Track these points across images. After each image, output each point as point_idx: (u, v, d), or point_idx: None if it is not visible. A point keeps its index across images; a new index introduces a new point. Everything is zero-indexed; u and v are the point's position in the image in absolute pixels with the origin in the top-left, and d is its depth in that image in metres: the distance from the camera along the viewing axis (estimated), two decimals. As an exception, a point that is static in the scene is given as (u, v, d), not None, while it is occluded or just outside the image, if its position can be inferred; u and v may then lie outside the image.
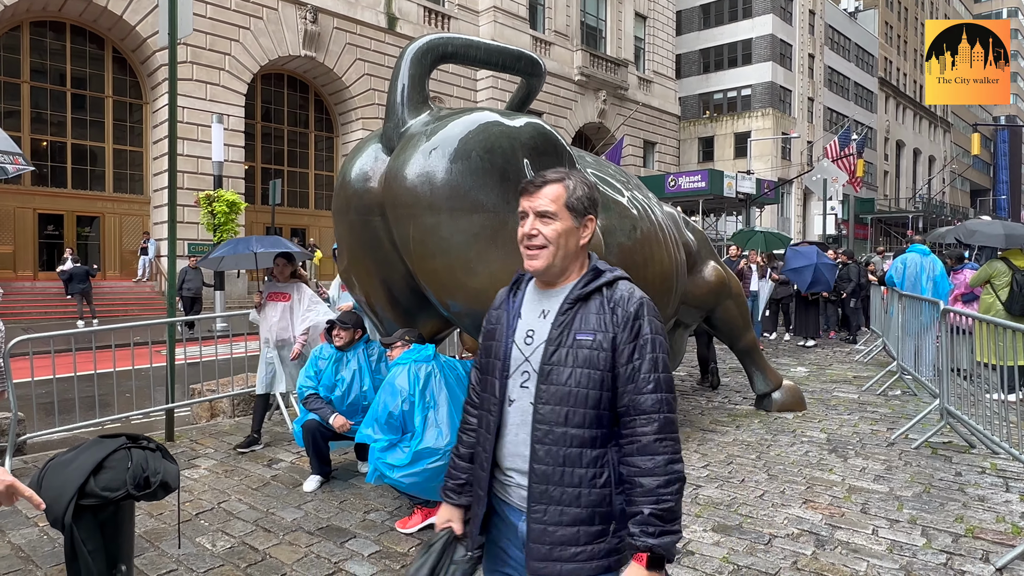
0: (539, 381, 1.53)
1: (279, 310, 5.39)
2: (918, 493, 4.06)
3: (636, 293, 1.54)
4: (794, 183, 37.08)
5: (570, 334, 1.52)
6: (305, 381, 4.31)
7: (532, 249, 1.57)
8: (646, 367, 1.48)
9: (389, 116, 4.04)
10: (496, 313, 1.71)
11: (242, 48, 20.43)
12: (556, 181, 1.59)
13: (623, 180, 5.03)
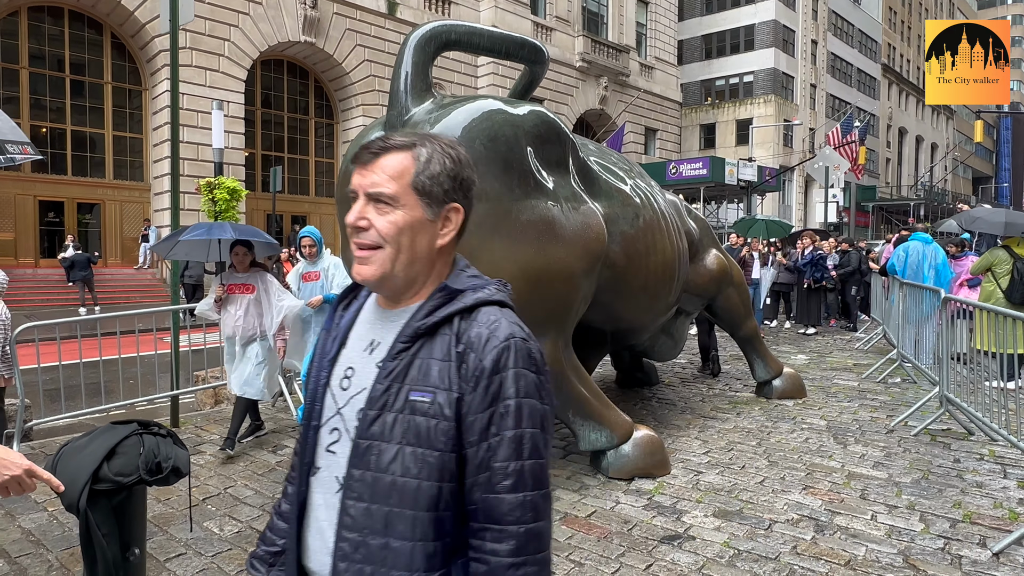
0: (352, 462, 1.04)
1: (243, 304, 4.88)
2: (917, 479, 4.10)
3: (501, 330, 1.02)
4: (796, 170, 36.97)
5: (401, 391, 1.02)
6: (309, 365, 4.34)
7: (362, 249, 1.07)
8: (504, 451, 0.98)
9: (392, 104, 4.04)
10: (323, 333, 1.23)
11: (241, 34, 20.31)
12: (402, 148, 1.08)
13: (626, 168, 5.04)
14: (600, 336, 5.21)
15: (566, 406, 4.04)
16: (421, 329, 1.05)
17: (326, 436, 1.10)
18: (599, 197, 4.40)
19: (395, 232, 1.06)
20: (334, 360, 1.15)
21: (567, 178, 4.15)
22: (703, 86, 41.47)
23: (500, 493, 0.99)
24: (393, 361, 1.05)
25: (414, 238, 1.07)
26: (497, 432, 0.99)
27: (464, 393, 1.00)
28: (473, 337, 1.02)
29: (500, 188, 3.71)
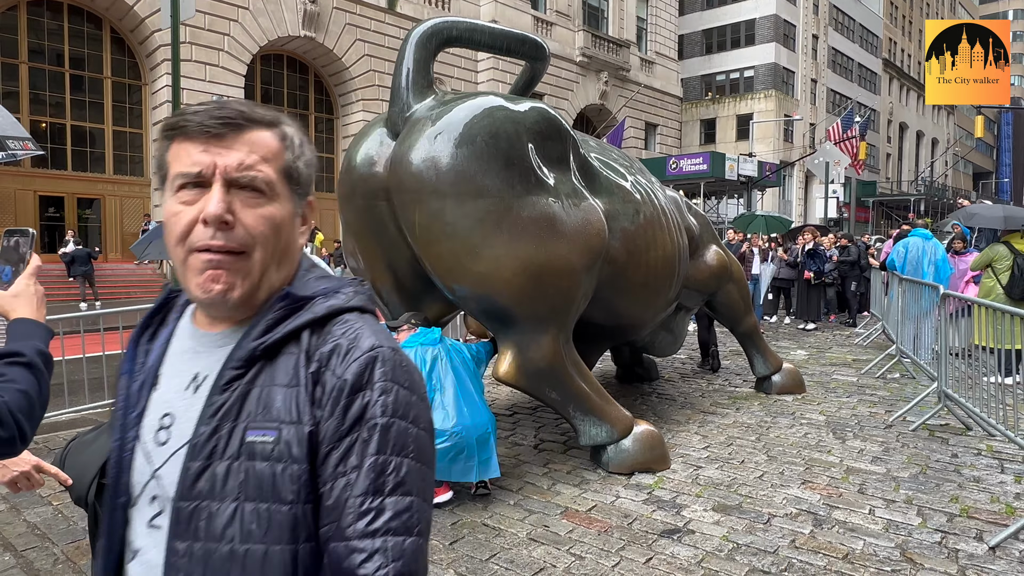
0: (173, 534, 0.80)
1: None
2: (915, 474, 4.13)
3: (363, 339, 0.82)
4: (796, 166, 36.93)
5: (235, 432, 0.79)
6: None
7: (215, 254, 0.81)
8: (363, 483, 0.76)
9: (394, 101, 4.06)
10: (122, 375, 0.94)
11: (241, 28, 20.26)
12: (269, 125, 0.86)
13: (626, 164, 5.05)
14: (600, 332, 5.23)
15: (567, 401, 4.07)
16: (259, 350, 0.82)
17: (145, 509, 0.84)
18: (600, 193, 4.42)
19: (271, 232, 0.83)
20: (143, 412, 0.88)
21: (568, 174, 4.17)
22: (703, 81, 41.39)
23: (352, 539, 0.74)
24: (222, 394, 0.81)
25: (286, 240, 0.86)
26: (357, 463, 0.76)
27: (319, 421, 0.78)
28: (328, 352, 0.81)
29: (501, 185, 3.73)
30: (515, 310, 3.83)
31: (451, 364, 3.74)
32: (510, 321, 3.89)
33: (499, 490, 3.94)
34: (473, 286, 3.80)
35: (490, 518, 3.58)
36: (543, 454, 4.64)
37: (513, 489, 3.98)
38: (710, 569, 2.99)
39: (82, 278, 15.73)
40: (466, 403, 3.67)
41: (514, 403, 5.95)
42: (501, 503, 3.77)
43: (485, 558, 3.13)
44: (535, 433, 5.12)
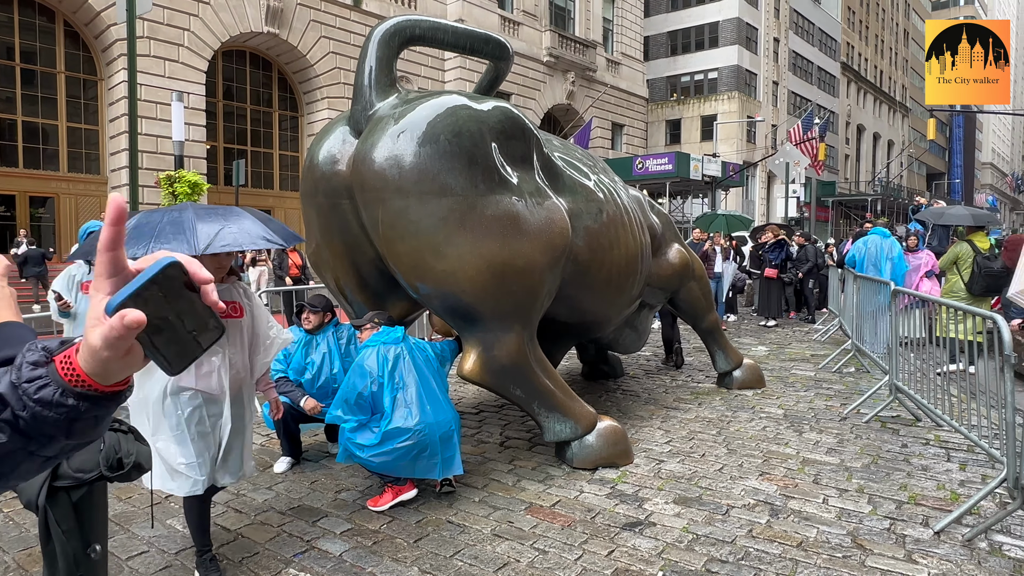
0: None
1: (232, 337, 3.00)
2: (867, 464, 4.28)
3: None
4: (759, 166, 37.70)
5: None
6: (274, 364, 4.31)
7: None
8: None
9: (357, 99, 4.04)
10: None
11: (202, 24, 19.84)
12: None
13: (590, 164, 5.11)
14: (565, 329, 5.28)
15: (531, 398, 4.11)
16: None
17: None
18: (563, 192, 4.47)
19: None
20: None
21: (531, 173, 4.20)
22: (669, 82, 41.95)
23: None
24: None
25: None
26: None
27: None
28: None
29: (465, 183, 3.74)
30: (479, 308, 3.85)
31: (414, 362, 3.74)
32: (474, 319, 3.91)
33: (464, 487, 3.96)
34: (437, 284, 3.81)
35: (455, 515, 3.60)
36: (508, 451, 4.67)
37: (478, 486, 4.00)
38: (670, 559, 3.06)
39: (35, 279, 15.23)
40: (429, 401, 3.68)
41: (480, 401, 5.97)
42: (466, 500, 3.79)
43: (450, 555, 3.14)
44: (501, 431, 5.15)
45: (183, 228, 2.67)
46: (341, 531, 3.43)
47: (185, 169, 15.69)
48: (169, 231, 2.65)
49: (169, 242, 2.57)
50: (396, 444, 3.51)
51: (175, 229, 2.66)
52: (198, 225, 2.71)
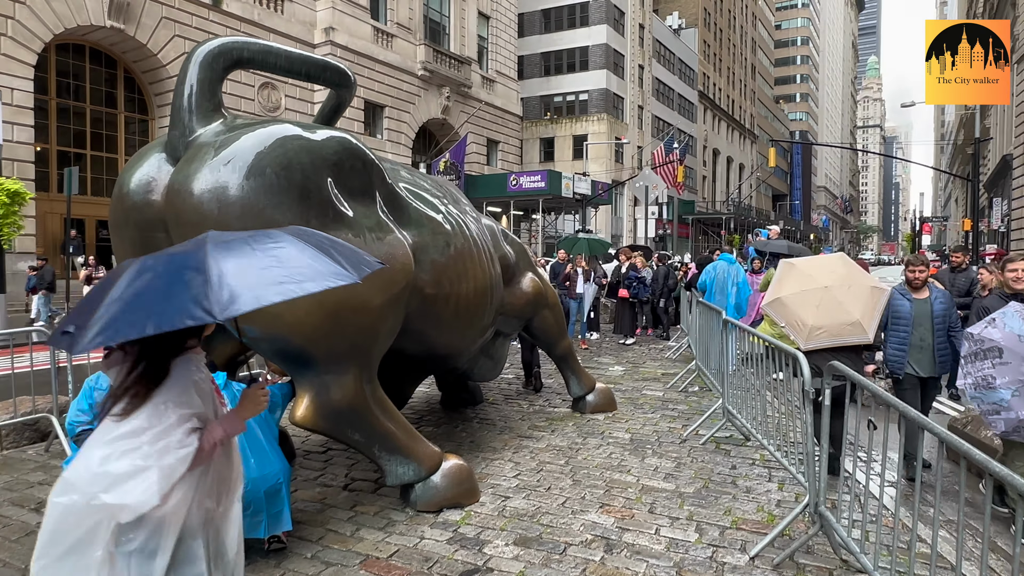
0: None
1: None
2: (699, 489, 4.51)
3: None
4: (626, 185, 39.71)
5: None
6: (77, 416, 3.82)
7: None
8: None
9: (174, 123, 3.71)
10: None
11: (30, 12, 17.76)
12: None
13: (439, 195, 5.04)
14: (415, 362, 5.16)
15: (371, 441, 3.94)
16: None
17: None
18: (408, 226, 4.36)
19: None
20: None
21: (372, 207, 4.06)
22: (543, 101, 43.27)
23: None
24: None
25: None
26: None
27: None
28: None
29: (294, 219, 3.53)
30: (311, 350, 3.63)
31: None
32: (307, 362, 3.69)
33: (297, 541, 3.71)
34: (264, 328, 3.55)
35: (281, 575, 3.34)
36: (352, 495, 4.45)
37: (312, 539, 3.76)
38: (502, 610, 3.01)
39: None
40: (253, 454, 3.41)
41: (327, 440, 5.68)
42: (297, 557, 3.54)
43: (267, 626, 2.90)
44: (347, 472, 4.91)
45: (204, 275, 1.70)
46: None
47: (7, 174, 13.90)
48: (179, 290, 1.68)
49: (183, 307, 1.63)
50: None
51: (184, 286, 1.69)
52: (222, 265, 1.73)
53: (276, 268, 1.78)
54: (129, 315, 1.67)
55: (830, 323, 4.53)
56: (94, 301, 1.78)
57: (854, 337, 4.54)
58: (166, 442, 1.84)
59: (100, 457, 1.81)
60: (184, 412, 1.91)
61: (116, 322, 1.66)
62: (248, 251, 1.82)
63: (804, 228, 72.04)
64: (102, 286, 1.84)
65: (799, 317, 4.64)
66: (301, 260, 1.85)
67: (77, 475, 1.80)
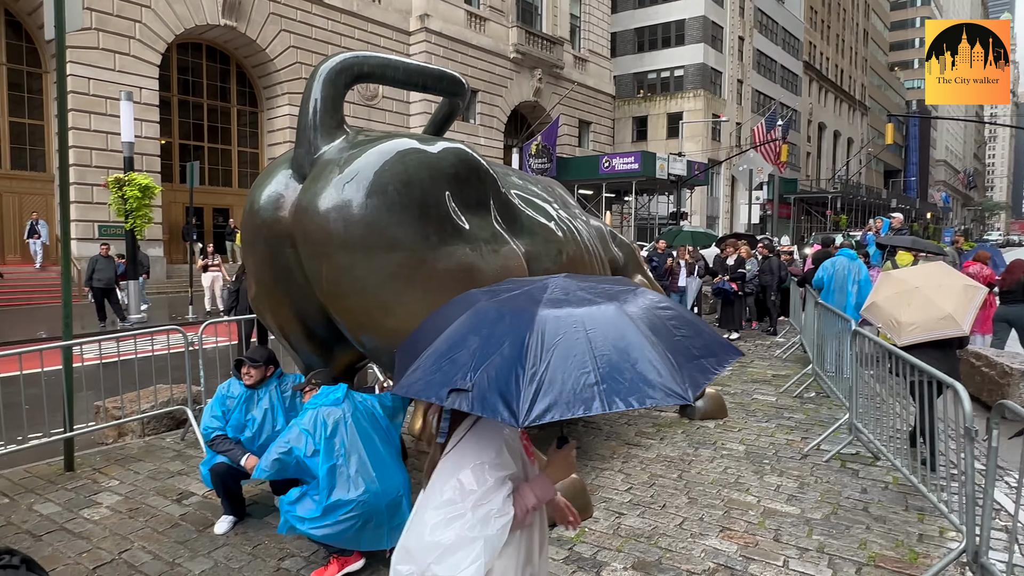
0: None
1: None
2: (827, 515, 4.23)
3: None
4: (723, 165, 38.07)
5: None
6: (211, 422, 4.04)
7: None
8: None
9: (300, 141, 3.80)
10: None
11: (154, 15, 19.05)
12: None
13: (550, 200, 4.95)
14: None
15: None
16: None
17: None
18: (521, 235, 4.30)
19: None
20: None
21: (487, 218, 4.02)
22: (636, 79, 42.05)
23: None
24: None
25: None
26: None
27: None
28: None
29: (415, 236, 3.54)
30: (431, 366, 3.65)
31: (357, 426, 3.53)
32: (426, 377, 3.72)
33: (416, 551, 3.77)
34: (385, 341, 3.61)
35: (404, 588, 3.41)
36: (464, 502, 4.49)
37: (431, 549, 3.82)
38: (627, 645, 2.93)
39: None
40: (375, 467, 3.48)
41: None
42: (417, 568, 3.60)
43: (395, 643, 2.96)
44: (458, 476, 4.97)
45: (522, 363, 1.54)
46: (281, 612, 3.22)
47: (137, 167, 15.05)
48: (492, 371, 1.57)
49: (492, 400, 1.52)
50: (339, 516, 3.31)
51: (495, 370, 1.57)
52: (545, 351, 1.57)
53: (591, 372, 1.51)
54: (437, 375, 1.64)
55: (923, 319, 4.70)
56: (428, 335, 1.83)
57: (948, 330, 4.65)
58: (487, 510, 1.72)
59: (431, 525, 1.75)
60: (500, 475, 1.76)
61: (425, 378, 1.66)
62: (575, 333, 1.58)
63: (920, 207, 66.44)
64: (443, 314, 1.92)
65: (893, 316, 4.87)
66: (630, 359, 1.54)
67: (413, 542, 1.80)
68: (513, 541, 1.79)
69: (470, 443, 1.77)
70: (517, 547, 1.83)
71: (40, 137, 19.10)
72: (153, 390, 6.31)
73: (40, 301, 16.44)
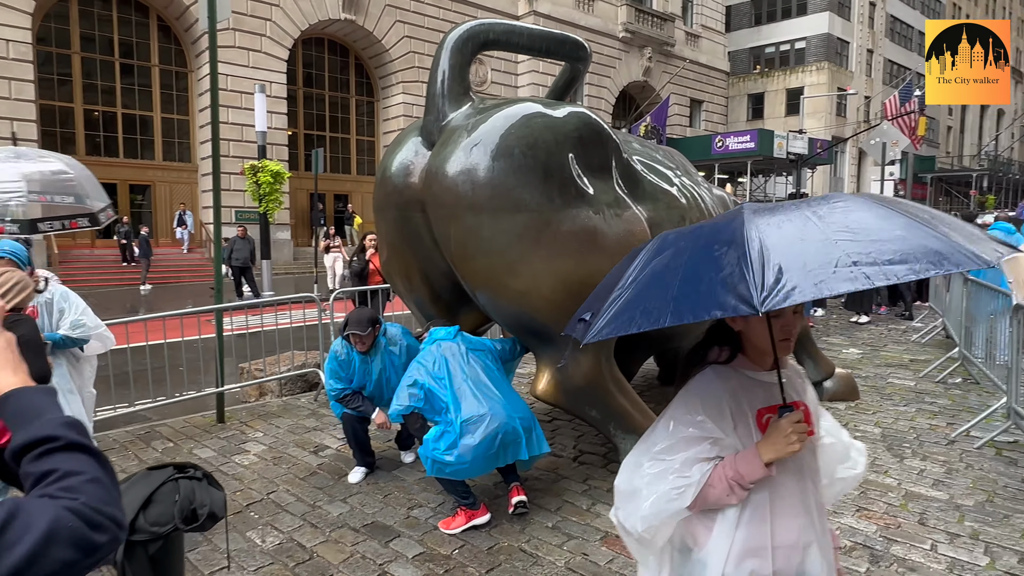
0: None
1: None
2: (980, 502, 3.87)
3: None
4: (849, 142, 35.44)
5: None
6: (335, 383, 4.26)
7: None
8: None
9: (429, 109, 3.93)
10: None
11: (283, 13, 20.35)
12: None
13: (671, 166, 4.82)
14: (642, 341, 5.06)
15: (607, 419, 3.94)
16: None
17: None
18: (643, 200, 4.22)
19: None
20: None
21: (610, 182, 3.98)
22: (752, 54, 39.92)
23: None
24: None
25: None
26: None
27: None
28: None
29: (540, 198, 3.58)
30: (554, 328, 3.69)
31: (472, 356, 3.73)
32: (549, 338, 3.77)
33: (537, 509, 3.86)
34: (510, 303, 3.69)
35: (527, 542, 3.50)
36: (582, 468, 4.52)
37: (551, 508, 3.88)
38: (758, 612, 2.84)
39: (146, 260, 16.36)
40: (498, 389, 3.64)
41: (552, 410, 5.84)
42: (539, 525, 3.68)
43: (522, 590, 3.05)
44: (574, 443, 5.01)
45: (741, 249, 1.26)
46: (413, 555, 3.40)
47: (268, 156, 16.23)
48: (707, 271, 1.30)
49: (711, 294, 1.25)
50: (476, 433, 3.44)
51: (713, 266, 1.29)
52: (766, 237, 1.27)
53: (848, 242, 1.23)
54: (642, 302, 1.39)
55: None
56: (611, 284, 1.58)
57: None
58: (663, 467, 1.52)
59: (621, 468, 1.64)
60: (689, 435, 1.53)
61: (628, 310, 1.41)
62: (800, 217, 1.32)
63: (1087, 185, 58.56)
64: (621, 266, 1.62)
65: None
66: (887, 230, 1.25)
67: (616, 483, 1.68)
68: (745, 514, 1.52)
69: (678, 399, 1.61)
70: (758, 523, 1.53)
71: (187, 131, 21.00)
72: (290, 355, 6.83)
73: (186, 280, 18.17)
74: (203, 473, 2.15)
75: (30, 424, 0.90)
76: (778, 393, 1.54)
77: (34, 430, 0.89)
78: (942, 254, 1.19)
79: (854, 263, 1.19)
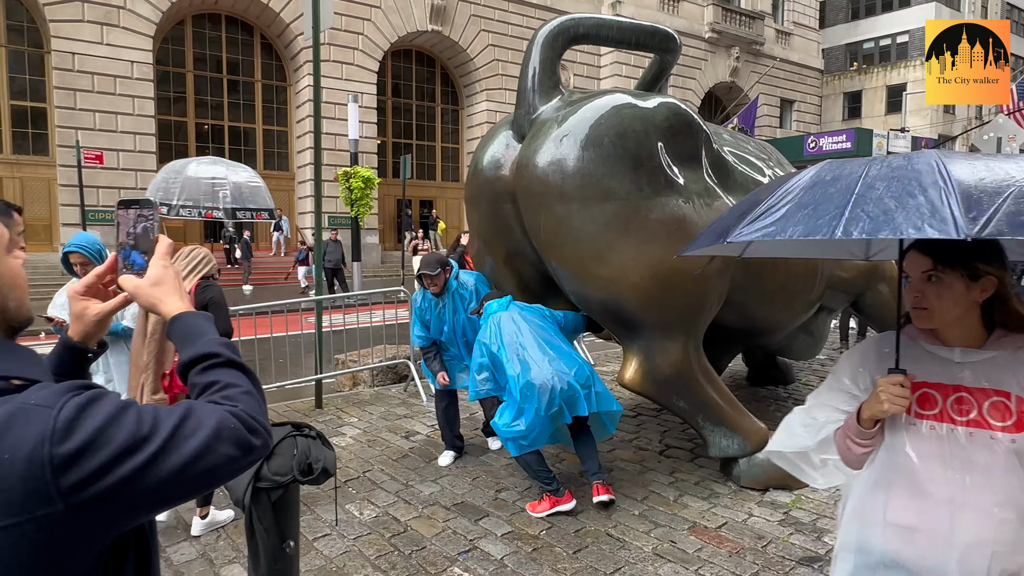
0: None
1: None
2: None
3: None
4: (958, 140, 33.06)
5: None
6: (419, 333, 4.59)
7: None
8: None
9: (520, 102, 4.05)
10: None
11: (374, 27, 21.26)
12: None
13: (763, 158, 4.72)
14: (732, 335, 4.97)
15: (695, 410, 3.91)
16: None
17: None
18: (734, 191, 4.17)
19: None
20: None
21: (699, 172, 3.96)
22: (848, 50, 37.98)
23: None
24: None
25: None
26: None
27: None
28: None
29: (629, 187, 3.61)
30: (642, 316, 3.71)
31: (527, 321, 3.82)
32: (637, 327, 3.78)
33: (623, 498, 3.87)
34: (599, 291, 3.73)
35: (614, 528, 3.52)
36: (669, 461, 4.49)
37: (638, 498, 3.89)
38: (857, 607, 2.75)
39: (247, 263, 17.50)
40: (555, 352, 3.70)
41: (638, 403, 5.82)
42: (625, 513, 3.70)
43: (610, 572, 3.08)
44: (660, 438, 4.98)
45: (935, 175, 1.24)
46: (502, 533, 3.50)
47: (359, 164, 16.99)
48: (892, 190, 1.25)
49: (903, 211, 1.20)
50: (533, 396, 3.52)
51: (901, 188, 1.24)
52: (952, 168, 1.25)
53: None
54: (802, 217, 1.31)
55: None
56: (752, 202, 1.58)
57: None
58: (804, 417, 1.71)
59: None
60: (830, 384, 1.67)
61: (791, 216, 1.34)
62: (980, 160, 1.29)
63: None
64: (759, 192, 1.61)
65: None
66: None
67: None
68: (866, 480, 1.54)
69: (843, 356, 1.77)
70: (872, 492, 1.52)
71: (285, 142, 22.29)
72: (382, 348, 7.14)
73: (282, 281, 19.25)
74: (316, 432, 2.33)
75: (195, 342, 1.03)
76: (954, 370, 1.47)
77: (199, 347, 1.03)
78: None
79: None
